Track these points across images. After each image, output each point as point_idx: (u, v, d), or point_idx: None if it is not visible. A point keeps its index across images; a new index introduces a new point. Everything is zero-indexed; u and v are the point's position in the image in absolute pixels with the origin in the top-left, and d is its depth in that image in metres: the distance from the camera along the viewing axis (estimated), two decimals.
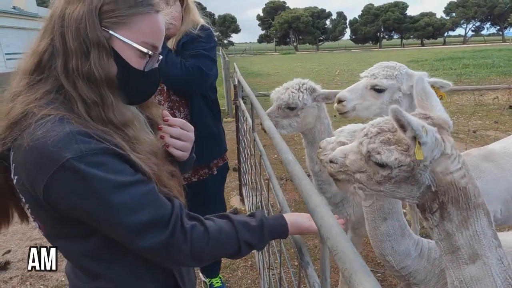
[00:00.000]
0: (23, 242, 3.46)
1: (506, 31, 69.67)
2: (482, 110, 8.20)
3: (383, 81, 1.78)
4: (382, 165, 1.01)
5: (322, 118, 2.16)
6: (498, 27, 70.96)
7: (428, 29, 67.33)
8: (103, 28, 0.83)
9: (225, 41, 75.61)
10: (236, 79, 3.65)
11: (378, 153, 1.00)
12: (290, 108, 2.11)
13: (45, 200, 0.76)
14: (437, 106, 1.11)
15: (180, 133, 1.01)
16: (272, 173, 1.56)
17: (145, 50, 0.88)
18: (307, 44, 72.60)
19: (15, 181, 0.79)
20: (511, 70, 15.03)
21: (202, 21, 2.12)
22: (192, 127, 1.07)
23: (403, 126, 0.93)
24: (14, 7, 18.93)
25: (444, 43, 72.91)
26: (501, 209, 1.99)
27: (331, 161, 1.17)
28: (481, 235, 0.98)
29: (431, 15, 71.09)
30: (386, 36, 75.48)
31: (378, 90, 1.80)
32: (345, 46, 73.87)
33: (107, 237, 0.83)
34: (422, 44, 69.35)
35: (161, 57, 0.98)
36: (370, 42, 73.99)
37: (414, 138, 0.94)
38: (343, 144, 1.38)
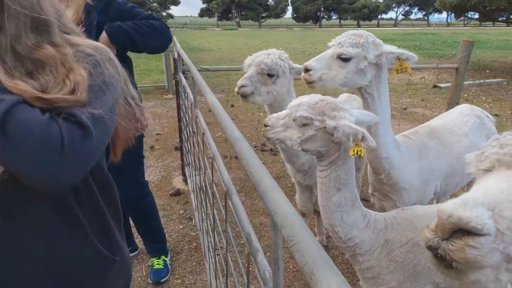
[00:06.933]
0: None
1: (430, 16, 75.50)
2: (411, 89, 8.81)
3: (349, 49, 1.68)
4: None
5: (291, 92, 2.20)
6: (424, 12, 76.60)
7: (364, 10, 70.27)
8: None
9: (164, 14, 71.35)
10: (175, 52, 3.39)
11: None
12: (270, 75, 2.09)
13: None
14: None
15: None
16: (217, 152, 1.45)
17: None
18: (250, 20, 71.63)
19: None
20: (435, 52, 16.38)
21: None
22: None
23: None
24: None
25: (378, 25, 76.95)
26: (441, 184, 2.07)
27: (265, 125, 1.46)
28: None
29: None
30: (326, 16, 77.37)
31: (344, 59, 1.70)
32: (286, 24, 74.19)
33: None
34: (359, 25, 72.35)
35: None
36: (311, 21, 75.30)
37: None
38: (306, 118, 1.38)
